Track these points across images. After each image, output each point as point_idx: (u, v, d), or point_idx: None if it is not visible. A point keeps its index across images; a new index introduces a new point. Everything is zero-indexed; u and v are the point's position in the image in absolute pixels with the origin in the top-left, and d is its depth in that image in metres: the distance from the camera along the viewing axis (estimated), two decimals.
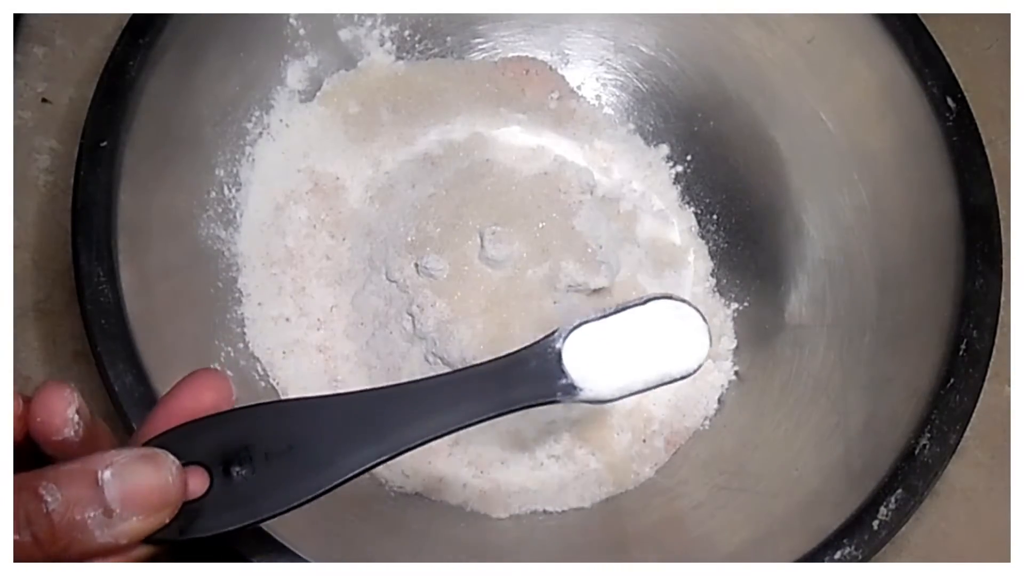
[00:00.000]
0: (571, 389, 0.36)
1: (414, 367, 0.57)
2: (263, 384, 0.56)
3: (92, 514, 0.31)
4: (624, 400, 0.59)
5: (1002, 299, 0.52)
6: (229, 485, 0.33)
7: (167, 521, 0.33)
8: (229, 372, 0.54)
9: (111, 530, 0.32)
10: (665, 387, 0.60)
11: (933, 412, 0.49)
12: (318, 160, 0.62)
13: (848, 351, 0.56)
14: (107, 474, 0.32)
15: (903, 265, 0.56)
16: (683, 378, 0.38)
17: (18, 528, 0.31)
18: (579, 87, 0.67)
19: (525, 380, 0.36)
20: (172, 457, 0.33)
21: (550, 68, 0.67)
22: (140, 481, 0.32)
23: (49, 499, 0.31)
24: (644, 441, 0.59)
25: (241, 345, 0.56)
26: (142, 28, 0.52)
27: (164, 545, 0.33)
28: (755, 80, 0.63)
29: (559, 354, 0.36)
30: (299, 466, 0.34)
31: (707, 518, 0.55)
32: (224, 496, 0.33)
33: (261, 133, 0.60)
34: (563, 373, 0.36)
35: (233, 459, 0.34)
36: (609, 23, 0.66)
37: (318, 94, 0.63)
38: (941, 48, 0.56)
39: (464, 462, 0.57)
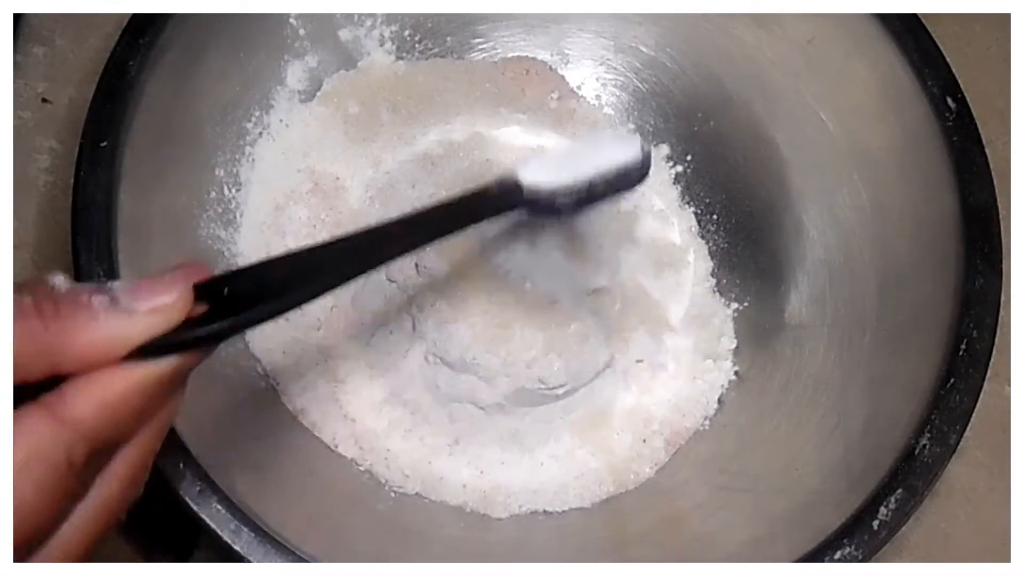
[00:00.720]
0: (532, 192, 0.42)
1: (414, 367, 0.57)
2: (263, 384, 0.56)
3: (99, 298, 0.30)
4: (624, 400, 0.60)
5: (1002, 299, 0.52)
6: (222, 306, 0.33)
7: (175, 323, 0.31)
8: (229, 371, 0.54)
9: (117, 320, 0.30)
10: (665, 387, 0.61)
11: (933, 412, 0.49)
12: (318, 160, 0.62)
13: (848, 351, 0.56)
14: (115, 283, 0.31)
15: (903, 265, 0.56)
16: (635, 178, 0.46)
17: (18, 290, 0.29)
18: (579, 87, 0.67)
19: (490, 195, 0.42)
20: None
21: (550, 68, 0.67)
22: (148, 280, 0.31)
23: (56, 283, 0.30)
24: (644, 441, 0.59)
25: (241, 345, 0.56)
26: (142, 28, 0.52)
27: (172, 355, 0.31)
28: (755, 80, 0.63)
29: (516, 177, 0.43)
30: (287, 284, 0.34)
31: (707, 518, 0.55)
32: (220, 312, 0.33)
33: (261, 133, 0.60)
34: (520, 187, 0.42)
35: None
36: (609, 23, 0.66)
37: (318, 94, 0.63)
38: (941, 48, 0.56)
39: (464, 462, 0.57)
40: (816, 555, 0.46)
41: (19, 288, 0.29)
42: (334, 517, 0.52)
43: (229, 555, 0.44)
